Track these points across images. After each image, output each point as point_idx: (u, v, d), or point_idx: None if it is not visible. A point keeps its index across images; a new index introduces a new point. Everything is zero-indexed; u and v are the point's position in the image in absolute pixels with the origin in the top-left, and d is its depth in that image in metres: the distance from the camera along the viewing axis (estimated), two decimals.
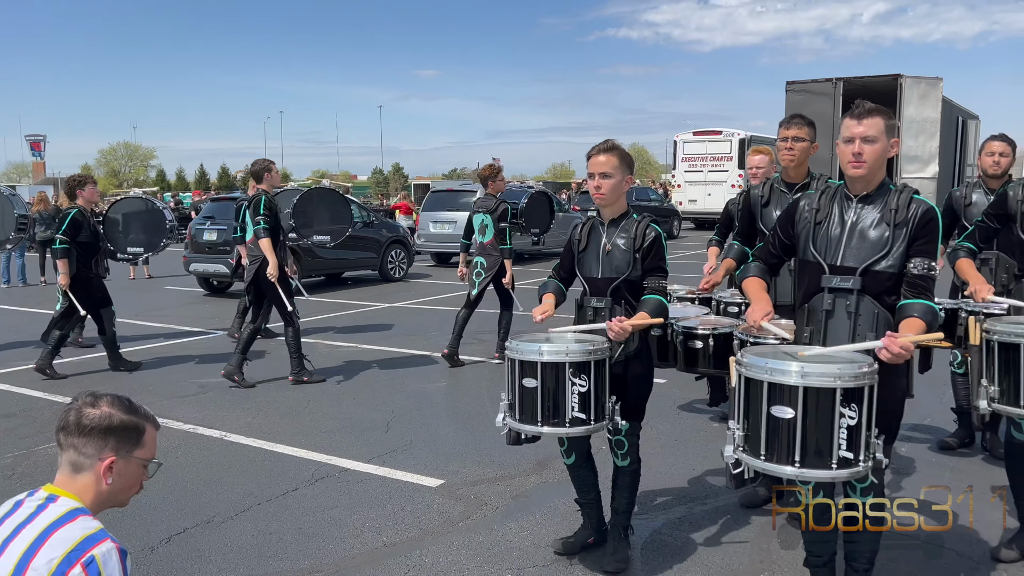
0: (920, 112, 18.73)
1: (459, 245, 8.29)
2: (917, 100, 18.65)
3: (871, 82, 18.82)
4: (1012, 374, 3.24)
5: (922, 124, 18.77)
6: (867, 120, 2.86)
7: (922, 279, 2.84)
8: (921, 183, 18.03)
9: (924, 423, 5.78)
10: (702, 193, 25.70)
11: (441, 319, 10.60)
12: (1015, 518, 3.71)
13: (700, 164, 25.96)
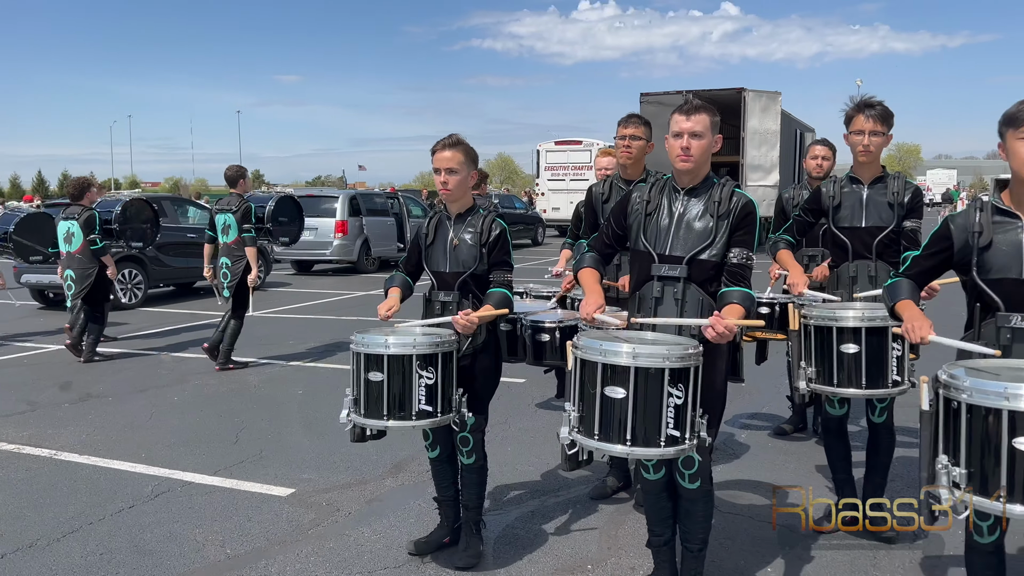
0: (762, 124, 20.00)
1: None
2: (759, 113, 19.90)
3: (718, 95, 19.91)
4: (826, 356, 3.50)
5: (764, 135, 20.04)
6: (694, 116, 3.01)
7: (740, 268, 3.01)
8: (764, 191, 19.26)
9: (762, 411, 6.14)
10: (564, 201, 26.32)
11: (300, 328, 10.33)
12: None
13: (562, 173, 26.60)
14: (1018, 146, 2.55)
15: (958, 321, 2.84)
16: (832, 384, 3.52)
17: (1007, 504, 2.22)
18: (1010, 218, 2.67)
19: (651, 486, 3.18)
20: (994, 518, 2.58)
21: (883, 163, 3.97)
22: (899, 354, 3.45)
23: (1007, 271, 2.63)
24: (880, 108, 3.74)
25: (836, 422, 3.92)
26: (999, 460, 2.21)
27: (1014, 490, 2.22)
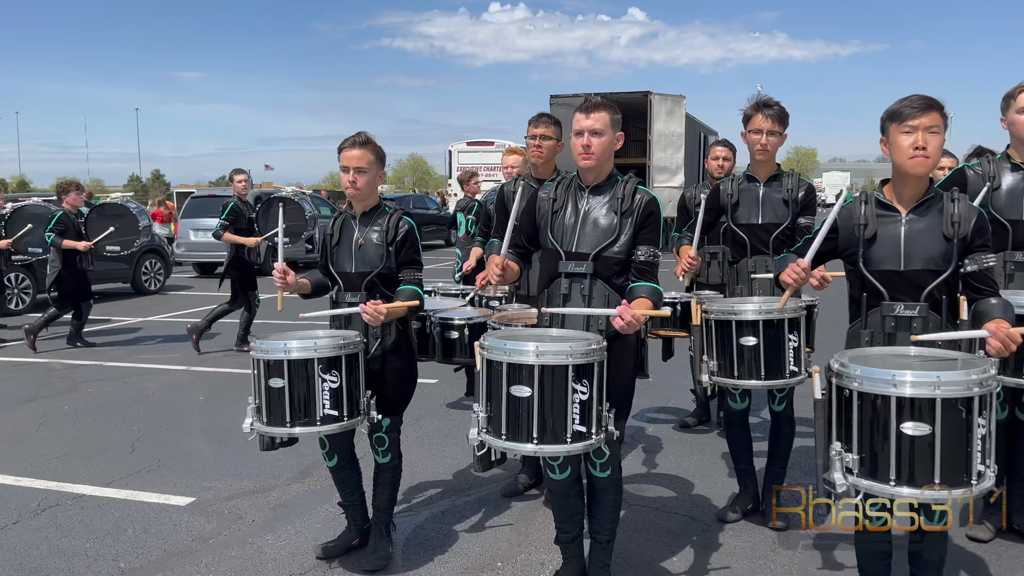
0: (668, 127, 20.50)
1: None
2: (665, 116, 20.39)
3: (625, 98, 20.27)
4: (727, 349, 3.60)
5: (669, 138, 20.54)
6: (595, 114, 3.03)
7: (647, 265, 3.06)
8: (670, 192, 19.73)
9: (668, 405, 6.28)
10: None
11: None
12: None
13: None
14: (902, 139, 2.68)
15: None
16: (733, 377, 3.62)
17: (895, 487, 2.32)
18: (891, 211, 2.80)
19: (558, 486, 3.19)
20: (882, 503, 2.70)
21: (782, 165, 4.11)
22: (796, 345, 3.58)
23: (888, 262, 2.76)
24: (777, 108, 3.87)
25: (738, 416, 4.04)
26: (888, 445, 2.31)
27: (902, 473, 2.32)
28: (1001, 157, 3.77)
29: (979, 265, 2.73)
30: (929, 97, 2.68)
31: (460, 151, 27.04)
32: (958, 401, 2.26)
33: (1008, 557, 3.59)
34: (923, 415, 2.26)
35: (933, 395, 2.24)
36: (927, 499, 2.32)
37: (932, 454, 2.27)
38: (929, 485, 2.30)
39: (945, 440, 2.26)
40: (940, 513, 2.70)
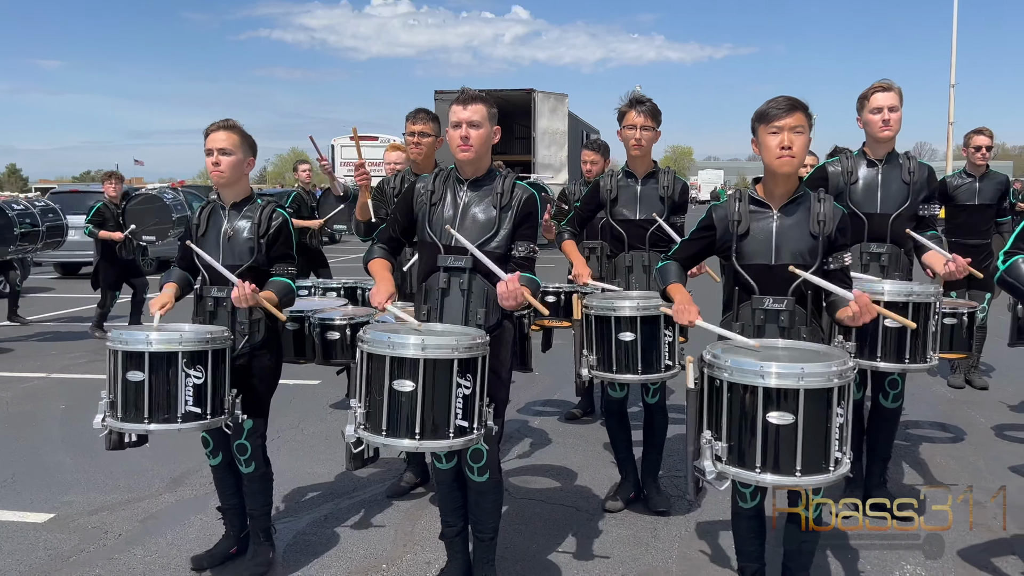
0: (551, 124, 20.81)
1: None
2: (548, 113, 20.69)
3: (509, 95, 20.46)
4: (605, 343, 3.67)
5: (553, 135, 20.86)
6: (472, 106, 3.02)
7: (526, 260, 3.08)
8: (554, 189, 20.03)
9: (553, 398, 6.36)
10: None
11: (63, 337, 9.33)
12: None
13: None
14: (769, 140, 2.79)
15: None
16: (611, 371, 3.70)
17: (760, 473, 2.42)
18: (763, 208, 2.92)
19: (443, 476, 3.17)
20: (754, 486, 2.82)
21: (660, 163, 4.22)
22: (670, 340, 3.70)
23: (760, 257, 2.89)
24: (650, 105, 3.98)
25: (617, 404, 4.13)
26: (755, 433, 2.41)
27: (767, 460, 2.42)
28: (857, 154, 4.02)
29: (840, 264, 2.90)
30: (794, 99, 2.81)
31: (343, 145, 26.50)
32: (820, 392, 2.38)
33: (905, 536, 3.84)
34: (787, 405, 2.36)
35: (797, 386, 2.36)
36: (789, 485, 2.42)
37: (795, 442, 2.38)
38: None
39: (807, 429, 2.38)
40: (803, 495, 2.82)
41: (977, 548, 3.69)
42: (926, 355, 3.67)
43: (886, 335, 3.63)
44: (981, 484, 4.48)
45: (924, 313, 3.64)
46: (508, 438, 5.36)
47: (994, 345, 5.47)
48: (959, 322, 4.15)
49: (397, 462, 4.55)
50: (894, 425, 4.08)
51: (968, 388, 6.54)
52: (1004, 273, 2.65)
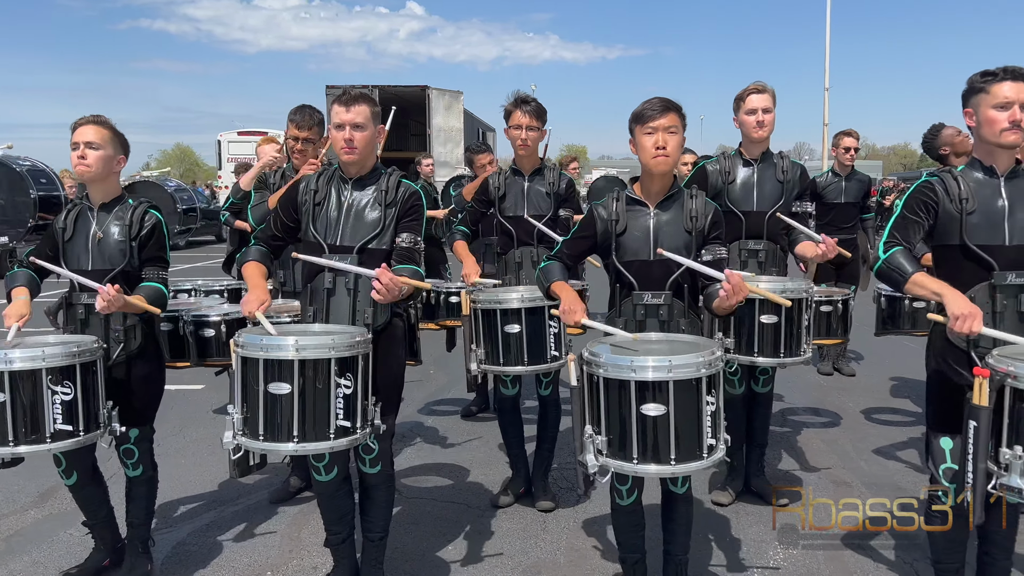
0: (446, 122, 20.74)
1: None
2: (443, 111, 20.61)
3: (403, 91, 20.30)
4: (493, 337, 3.72)
5: (448, 132, 20.80)
6: (355, 107, 2.97)
7: (409, 251, 3.04)
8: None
9: (449, 396, 6.35)
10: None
11: None
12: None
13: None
14: (645, 140, 2.87)
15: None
16: (499, 363, 3.74)
17: (638, 464, 2.48)
18: (640, 206, 3.00)
19: (325, 487, 3.10)
20: (631, 482, 2.90)
21: (552, 164, 4.27)
22: (556, 331, 3.75)
23: (639, 254, 2.96)
24: (535, 104, 4.02)
25: (509, 401, 4.16)
26: (631, 426, 2.47)
27: (646, 452, 2.49)
28: (735, 154, 4.18)
29: (714, 255, 2.99)
30: (667, 100, 2.89)
31: (231, 141, 25.62)
32: (689, 382, 2.47)
33: (746, 513, 4.01)
34: (659, 397, 2.44)
35: (667, 378, 2.43)
36: (666, 474, 2.50)
37: (668, 432, 2.46)
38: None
39: (679, 418, 2.46)
40: (683, 479, 2.91)
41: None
42: (800, 348, 3.85)
43: (763, 331, 3.79)
44: (849, 466, 4.76)
45: (798, 307, 3.82)
46: (402, 437, 5.31)
47: (860, 334, 5.80)
48: (834, 309, 4.39)
49: (283, 466, 4.44)
50: (768, 410, 4.28)
51: (837, 375, 6.94)
52: (884, 263, 2.77)
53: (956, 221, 2.72)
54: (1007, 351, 2.57)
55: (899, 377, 6.78)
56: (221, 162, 26.10)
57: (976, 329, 2.51)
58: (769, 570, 3.52)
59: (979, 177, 2.77)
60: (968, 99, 2.75)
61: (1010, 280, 2.68)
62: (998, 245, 2.70)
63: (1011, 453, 2.41)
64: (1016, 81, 2.62)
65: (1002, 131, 2.64)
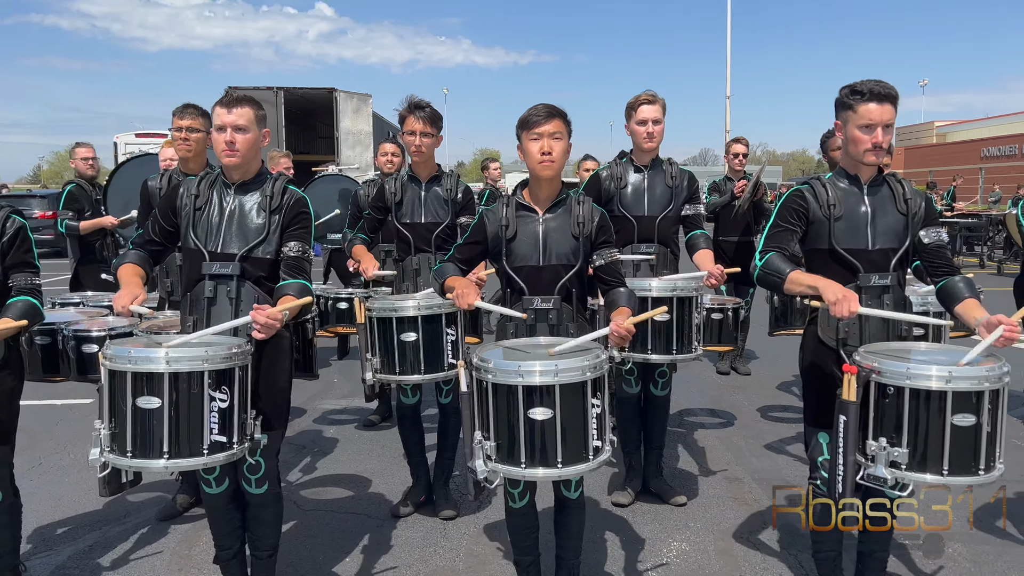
0: (355, 125, 20.46)
1: None
2: (352, 113, 20.32)
3: (310, 94, 19.94)
4: (389, 345, 3.66)
5: (357, 136, 20.53)
6: (237, 109, 2.88)
7: (298, 261, 2.94)
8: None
9: (351, 405, 6.23)
10: None
11: None
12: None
13: None
14: (531, 145, 2.88)
15: None
16: (396, 372, 3.68)
17: (526, 468, 2.49)
18: (530, 212, 3.01)
19: (215, 500, 3.00)
20: (523, 485, 2.91)
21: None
22: (453, 338, 3.72)
23: (529, 259, 2.97)
24: (430, 110, 4.00)
25: (409, 410, 4.12)
26: (518, 430, 2.48)
27: (534, 456, 2.49)
28: (626, 161, 4.26)
29: (605, 259, 3.04)
30: (552, 106, 2.91)
31: (128, 142, 24.55)
32: (575, 385, 2.49)
33: (646, 513, 4.08)
34: (546, 401, 2.45)
35: (553, 382, 2.45)
36: (554, 477, 2.51)
37: (555, 436, 2.47)
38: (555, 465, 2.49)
39: (565, 422, 2.47)
40: (576, 484, 2.94)
41: (739, 522, 4.05)
42: (692, 345, 3.96)
43: (656, 329, 3.88)
44: (742, 462, 4.92)
45: (688, 306, 3.93)
46: (301, 448, 5.20)
47: (755, 334, 6.01)
48: (725, 316, 4.52)
49: (171, 482, 4.27)
50: (665, 412, 4.37)
51: (734, 374, 7.17)
52: (762, 269, 2.90)
53: (825, 226, 2.86)
54: (872, 348, 2.71)
55: (792, 374, 7.05)
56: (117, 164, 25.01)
57: (854, 309, 2.63)
58: (662, 567, 3.59)
59: (845, 185, 2.91)
60: (838, 111, 2.88)
61: (874, 282, 2.83)
62: (862, 249, 2.84)
63: (876, 445, 2.53)
64: (881, 103, 2.76)
65: (865, 151, 2.79)
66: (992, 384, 2.44)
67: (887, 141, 2.82)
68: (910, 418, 2.47)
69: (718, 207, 6.89)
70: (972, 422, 2.44)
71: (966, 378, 2.43)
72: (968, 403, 2.44)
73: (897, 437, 2.50)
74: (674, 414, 5.60)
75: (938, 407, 2.45)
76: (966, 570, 3.54)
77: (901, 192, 2.90)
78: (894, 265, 2.87)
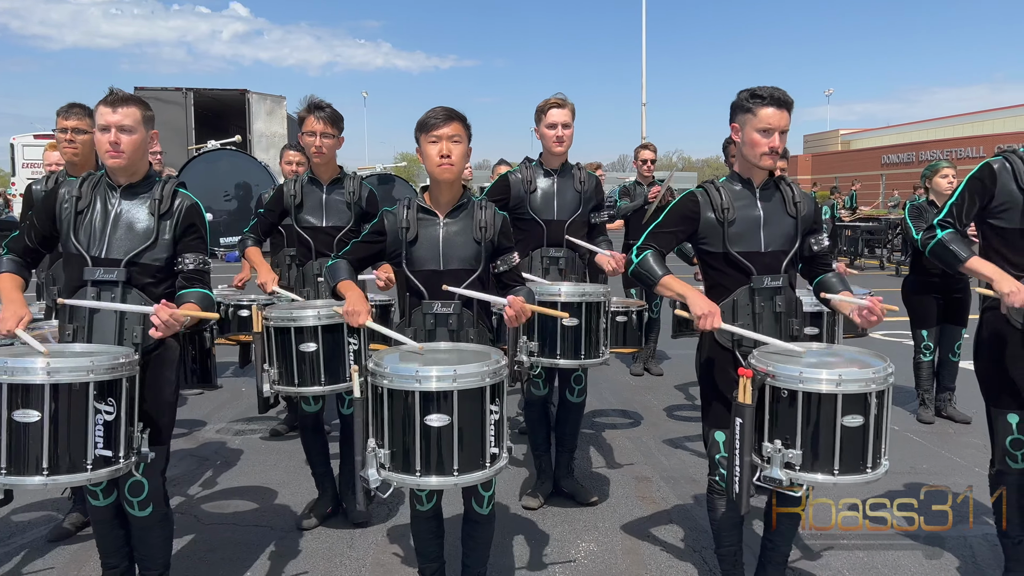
0: (269, 127, 20.05)
1: None
2: (265, 116, 19.91)
3: (221, 95, 19.42)
4: (287, 356, 3.51)
5: (271, 138, 20.12)
6: (122, 109, 2.76)
7: (197, 273, 2.88)
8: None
9: (257, 415, 6.05)
10: None
11: None
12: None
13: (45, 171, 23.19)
14: (430, 148, 2.85)
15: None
16: (295, 384, 3.54)
17: (421, 476, 2.45)
18: (430, 215, 2.98)
19: (100, 513, 2.87)
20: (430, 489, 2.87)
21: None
22: (355, 348, 3.61)
23: (429, 263, 2.94)
24: (330, 111, 3.92)
25: (311, 419, 4.02)
26: (414, 437, 2.44)
27: (429, 464, 2.45)
28: (535, 164, 4.27)
29: (508, 265, 3.04)
30: (451, 109, 2.89)
31: (26, 144, 23.38)
32: (474, 391, 2.47)
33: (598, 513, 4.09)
34: (444, 407, 2.43)
35: (451, 387, 2.42)
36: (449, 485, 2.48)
37: (452, 443, 2.44)
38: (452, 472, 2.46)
39: (463, 428, 2.45)
40: (488, 499, 2.92)
41: (642, 520, 4.11)
42: (599, 350, 3.97)
43: (564, 334, 3.88)
44: (650, 461, 5.00)
45: (596, 311, 3.95)
46: (203, 460, 5.03)
47: (667, 335, 6.14)
48: (629, 319, 4.57)
49: (62, 501, 4.06)
50: (579, 417, 4.39)
51: (647, 375, 7.29)
52: (637, 266, 2.97)
53: (718, 230, 2.92)
54: (767, 350, 2.78)
55: None
56: (15, 168, 23.75)
57: (716, 325, 2.73)
58: (570, 567, 3.61)
59: (738, 189, 2.98)
60: (736, 114, 2.94)
61: (766, 283, 2.91)
62: (755, 252, 2.92)
63: (772, 447, 2.59)
64: (780, 109, 2.84)
65: (762, 155, 2.86)
66: (878, 385, 2.52)
67: (782, 146, 2.91)
68: (803, 420, 2.53)
69: (629, 212, 6.99)
70: (860, 422, 2.51)
71: (854, 380, 2.49)
72: (857, 404, 2.50)
73: (791, 439, 2.55)
74: (585, 415, 5.65)
75: (829, 409, 2.50)
76: (858, 559, 3.66)
77: (791, 195, 3.00)
78: (785, 267, 2.96)
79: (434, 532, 3.01)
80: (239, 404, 6.29)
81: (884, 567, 3.59)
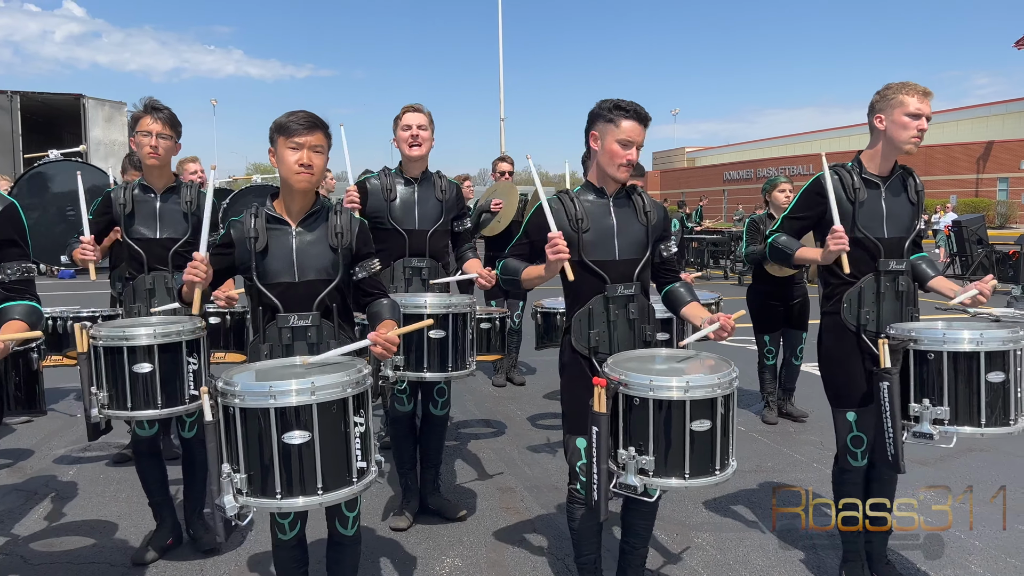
0: (108, 135, 18.82)
1: None
2: (103, 122, 18.67)
3: (53, 99, 18.07)
4: (119, 378, 3.20)
5: (111, 146, 18.90)
6: None
7: (25, 283, 2.67)
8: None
9: (100, 440, 5.60)
10: None
11: None
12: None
13: None
14: (288, 155, 2.70)
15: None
16: (127, 408, 3.22)
17: (282, 499, 2.31)
18: (282, 225, 2.83)
19: None
20: (293, 515, 2.72)
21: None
22: (195, 368, 3.33)
23: (283, 275, 2.79)
24: (167, 112, 3.69)
25: (146, 443, 3.73)
26: (272, 458, 2.29)
27: (291, 484, 2.31)
28: (395, 172, 4.22)
29: (368, 272, 2.93)
30: (315, 116, 2.75)
31: None
32: (335, 403, 2.35)
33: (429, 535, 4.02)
34: (303, 422, 2.30)
35: (310, 401, 2.29)
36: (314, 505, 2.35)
37: (314, 459, 2.32)
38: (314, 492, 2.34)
39: (324, 444, 2.33)
40: (352, 520, 2.82)
41: (507, 530, 4.11)
42: (467, 361, 3.89)
43: (430, 346, 3.76)
44: (514, 472, 5.01)
45: (461, 322, 3.88)
46: (32, 495, 4.59)
47: (529, 345, 6.19)
48: (493, 326, 4.57)
49: None
50: (443, 431, 4.32)
51: (510, 385, 7.34)
52: (501, 271, 3.05)
53: (573, 239, 2.96)
54: (620, 357, 2.83)
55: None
56: None
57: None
58: None
59: (592, 199, 3.04)
60: (595, 123, 2.98)
61: (619, 292, 2.98)
62: (610, 260, 2.98)
63: (626, 454, 2.62)
64: (640, 123, 2.92)
65: (620, 166, 2.94)
66: (724, 390, 2.60)
67: (637, 159, 3.00)
68: (655, 426, 2.57)
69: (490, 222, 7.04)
70: (708, 427, 2.58)
71: (702, 387, 2.56)
72: (704, 409, 2.57)
73: (644, 445, 2.59)
74: (450, 427, 5.60)
75: (679, 415, 2.55)
76: (712, 557, 3.80)
77: (642, 204, 3.08)
78: (638, 274, 3.03)
79: (299, 561, 2.85)
80: (73, 431, 5.80)
81: (539, 563, 3.76)
